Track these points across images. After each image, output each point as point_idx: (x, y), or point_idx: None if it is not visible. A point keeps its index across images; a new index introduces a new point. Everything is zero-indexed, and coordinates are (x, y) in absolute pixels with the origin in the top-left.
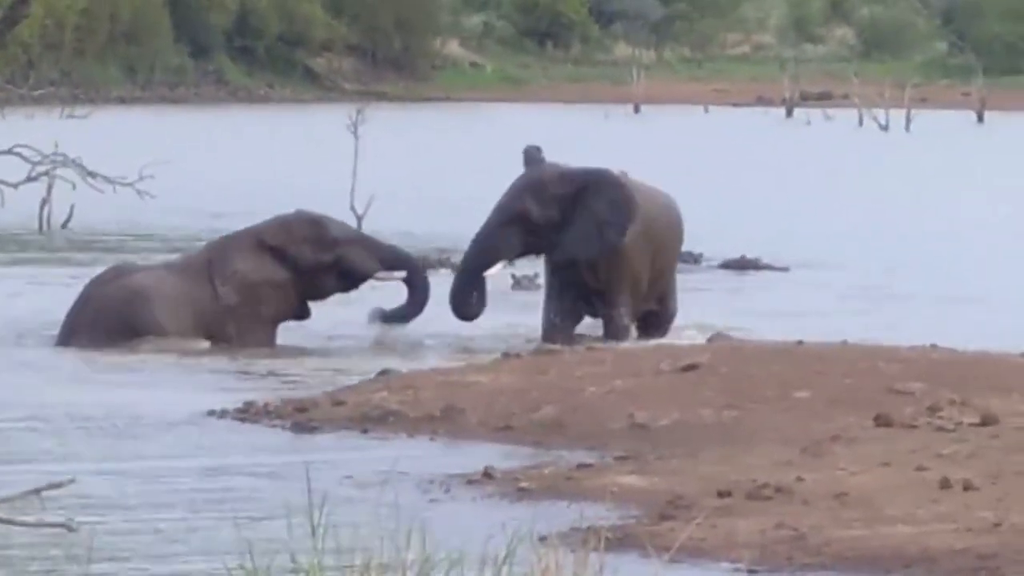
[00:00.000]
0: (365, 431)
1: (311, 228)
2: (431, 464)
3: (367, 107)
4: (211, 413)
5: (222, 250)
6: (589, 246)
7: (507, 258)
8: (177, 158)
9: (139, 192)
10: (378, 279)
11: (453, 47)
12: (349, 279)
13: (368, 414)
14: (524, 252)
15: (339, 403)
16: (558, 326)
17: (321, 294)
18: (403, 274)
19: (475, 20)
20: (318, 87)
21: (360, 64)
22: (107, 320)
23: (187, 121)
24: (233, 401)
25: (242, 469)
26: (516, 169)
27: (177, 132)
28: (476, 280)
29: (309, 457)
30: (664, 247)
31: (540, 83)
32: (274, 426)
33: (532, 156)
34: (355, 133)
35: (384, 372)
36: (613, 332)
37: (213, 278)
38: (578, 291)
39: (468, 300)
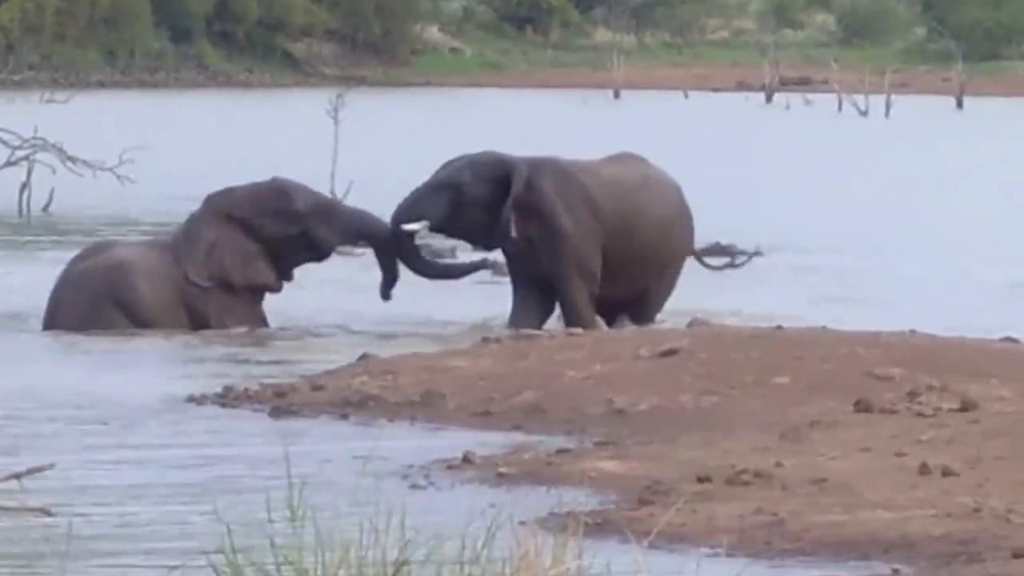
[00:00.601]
0: (345, 416)
1: (278, 200)
2: (411, 449)
3: (347, 92)
4: (190, 399)
5: (189, 224)
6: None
7: (429, 219)
8: (157, 143)
9: (119, 176)
10: (339, 253)
11: (433, 32)
12: (316, 251)
13: (348, 399)
14: (447, 223)
15: (318, 388)
16: (520, 324)
17: (292, 263)
18: (363, 251)
19: (455, 5)
20: (298, 72)
21: (340, 49)
22: (89, 296)
23: (167, 106)
24: (212, 386)
25: (221, 454)
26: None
27: (157, 117)
28: (405, 238)
29: (288, 442)
30: (626, 232)
31: (520, 68)
32: (254, 411)
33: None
34: (335, 118)
35: (364, 357)
36: (567, 317)
37: (179, 253)
38: (535, 281)
39: (425, 261)
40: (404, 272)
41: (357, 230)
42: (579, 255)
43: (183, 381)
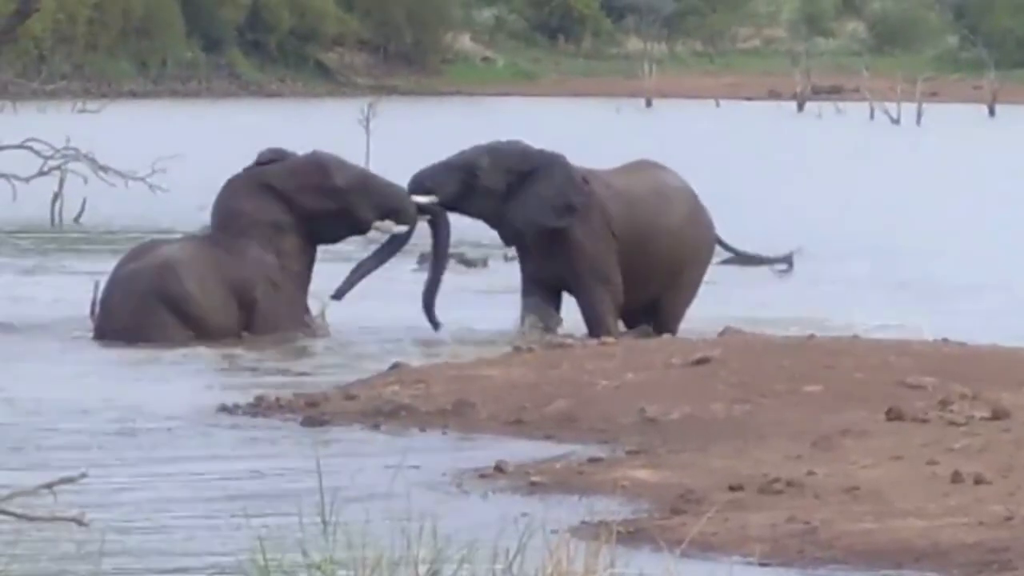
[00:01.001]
0: (376, 425)
1: (318, 173)
2: (443, 458)
3: (379, 101)
4: (222, 408)
5: (229, 194)
6: (529, 223)
7: (438, 193)
8: (189, 152)
9: (151, 186)
10: (376, 229)
11: (464, 41)
12: (355, 226)
13: (380, 408)
14: (456, 202)
15: (351, 397)
16: (526, 333)
17: (330, 238)
18: (402, 228)
19: (486, 14)
20: (330, 81)
21: (372, 59)
22: (138, 297)
23: (199, 115)
24: (244, 396)
25: (253, 464)
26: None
27: (189, 126)
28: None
29: (321, 452)
30: (637, 241)
31: (552, 77)
32: (285, 420)
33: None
34: (367, 127)
35: (395, 366)
36: (589, 327)
37: (213, 223)
38: (543, 285)
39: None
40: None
41: (393, 207)
42: (595, 263)
43: (216, 390)
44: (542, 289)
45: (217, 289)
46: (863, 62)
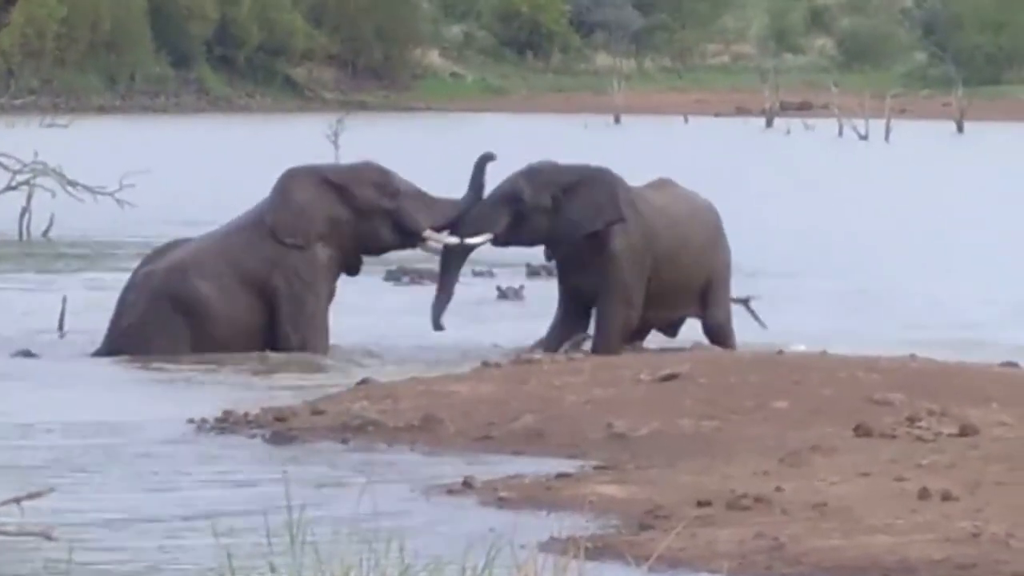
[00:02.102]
0: (345, 441)
1: (378, 174)
2: (410, 474)
3: (347, 117)
4: (190, 422)
5: (279, 186)
6: (581, 227)
7: (491, 231)
8: (157, 167)
9: (119, 201)
10: (426, 238)
11: (433, 57)
12: (404, 234)
13: (348, 423)
14: (510, 234)
15: (318, 412)
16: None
17: (376, 244)
18: (453, 240)
19: (455, 30)
20: (298, 96)
21: (340, 74)
22: (149, 297)
23: (167, 130)
24: (212, 410)
25: (220, 479)
26: (495, 177)
27: (157, 141)
28: (463, 256)
29: (288, 467)
30: (682, 258)
31: (520, 93)
32: (253, 436)
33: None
34: (335, 143)
35: (364, 381)
36: (596, 339)
37: (268, 212)
38: (580, 300)
39: (454, 278)
40: (393, 298)
41: (450, 219)
42: (625, 280)
43: (184, 405)
44: (576, 305)
45: (233, 283)
46: (832, 78)
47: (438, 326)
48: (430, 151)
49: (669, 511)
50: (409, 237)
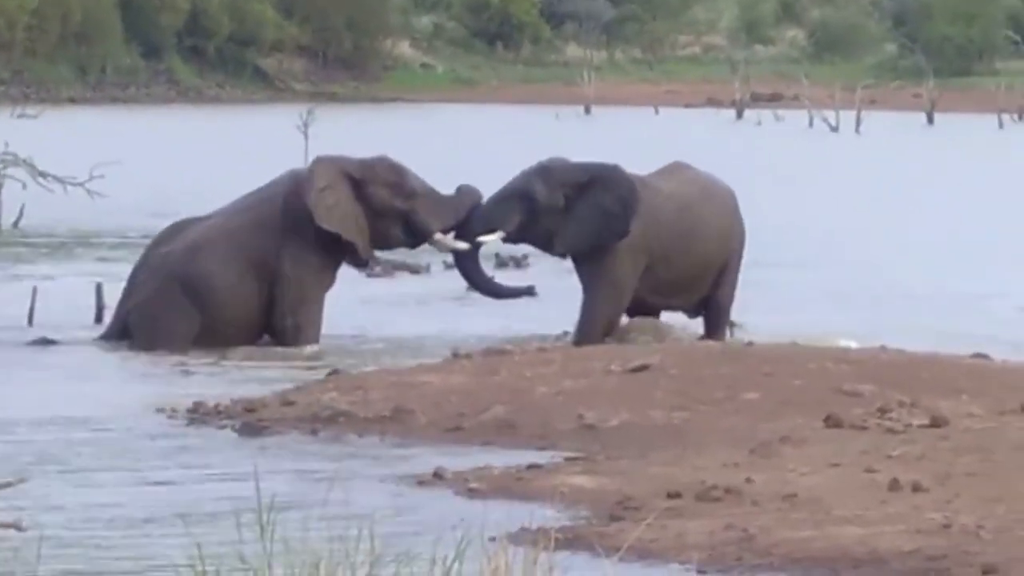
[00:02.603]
0: (315, 432)
1: (393, 173)
2: (381, 465)
3: (318, 107)
4: (160, 411)
5: (304, 174)
6: (590, 237)
7: (503, 229)
8: (128, 158)
9: (89, 192)
10: (435, 240)
11: (404, 48)
12: (414, 233)
13: (318, 414)
14: (521, 232)
15: (289, 403)
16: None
17: (386, 242)
18: (463, 245)
19: (425, 21)
20: (269, 87)
21: (311, 64)
22: (160, 277)
23: (138, 121)
24: (183, 400)
25: (191, 470)
26: (466, 169)
27: (128, 132)
28: (476, 252)
29: (259, 458)
30: (695, 242)
31: (491, 84)
32: (223, 426)
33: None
34: (305, 133)
35: (334, 372)
36: (579, 326)
37: (303, 195)
38: None
39: (481, 273)
40: (364, 289)
41: (460, 217)
42: (617, 275)
43: (153, 395)
44: None
45: (240, 265)
46: (802, 70)
47: (515, 291)
48: (401, 142)
49: (639, 502)
50: (419, 238)
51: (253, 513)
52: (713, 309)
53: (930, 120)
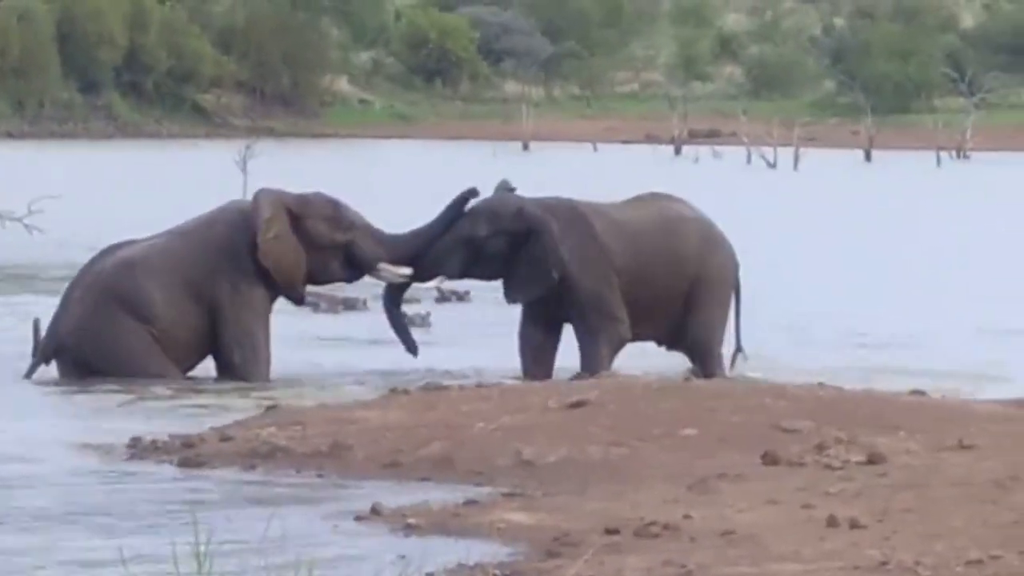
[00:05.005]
0: (253, 467)
1: (330, 207)
2: (319, 500)
3: (256, 143)
4: (98, 448)
5: (248, 204)
6: (532, 288)
7: (446, 274)
8: (66, 193)
9: (27, 227)
10: (377, 271)
11: (342, 84)
12: (354, 267)
13: (256, 450)
14: (464, 275)
15: (227, 439)
16: (531, 370)
17: (325, 277)
18: (407, 271)
19: (364, 57)
20: (207, 123)
21: (249, 100)
22: (94, 294)
23: (76, 156)
24: (120, 436)
25: (128, 508)
26: (405, 204)
27: (66, 167)
28: (403, 289)
29: (196, 494)
30: (640, 273)
31: (429, 120)
32: (161, 462)
33: (503, 188)
34: (244, 169)
35: (272, 407)
36: (585, 362)
37: (248, 226)
38: (549, 323)
39: (399, 314)
40: (309, 328)
41: (404, 254)
42: (596, 300)
43: (89, 431)
44: (543, 326)
45: (178, 288)
46: (740, 106)
47: (412, 350)
48: (339, 178)
49: (577, 538)
50: (359, 271)
51: (191, 550)
52: (687, 341)
53: (868, 157)
